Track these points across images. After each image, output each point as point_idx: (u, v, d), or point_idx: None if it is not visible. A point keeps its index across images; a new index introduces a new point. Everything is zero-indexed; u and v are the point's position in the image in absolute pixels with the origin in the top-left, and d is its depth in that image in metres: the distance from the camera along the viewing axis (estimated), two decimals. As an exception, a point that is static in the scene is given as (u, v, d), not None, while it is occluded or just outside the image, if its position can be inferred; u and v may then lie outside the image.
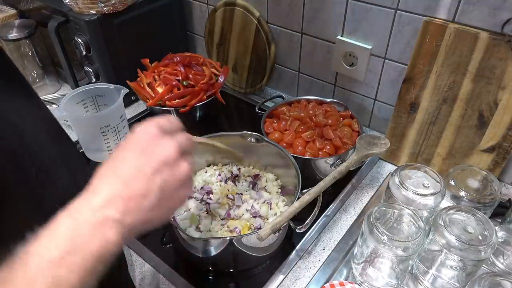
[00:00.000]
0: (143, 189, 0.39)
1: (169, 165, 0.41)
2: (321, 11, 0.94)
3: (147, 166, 0.40)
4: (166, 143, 0.42)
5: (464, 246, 0.58)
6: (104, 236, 0.36)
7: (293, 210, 0.67)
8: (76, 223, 0.36)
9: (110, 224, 0.36)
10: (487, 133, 0.79)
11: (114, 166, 0.41)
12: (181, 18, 1.22)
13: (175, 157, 0.42)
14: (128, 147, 0.42)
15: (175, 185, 0.41)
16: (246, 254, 0.69)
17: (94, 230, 0.36)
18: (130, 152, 0.41)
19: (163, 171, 0.40)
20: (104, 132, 0.90)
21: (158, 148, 0.41)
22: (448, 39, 0.77)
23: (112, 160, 0.41)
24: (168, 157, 0.41)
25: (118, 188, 0.38)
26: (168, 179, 0.40)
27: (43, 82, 1.22)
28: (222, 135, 0.84)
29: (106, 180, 0.39)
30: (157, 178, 0.40)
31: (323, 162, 0.84)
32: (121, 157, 0.41)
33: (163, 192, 0.40)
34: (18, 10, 1.17)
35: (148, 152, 0.41)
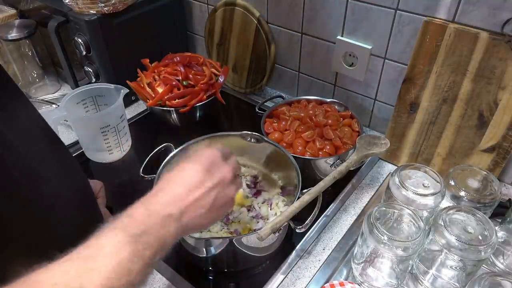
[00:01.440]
0: (201, 198, 0.48)
1: (224, 185, 0.51)
2: (321, 11, 0.94)
3: (209, 182, 0.49)
4: (225, 167, 0.52)
5: (464, 246, 0.58)
6: (168, 228, 0.43)
7: (293, 210, 0.67)
8: (148, 212, 0.43)
9: (172, 220, 0.44)
10: (487, 133, 0.79)
11: (183, 174, 0.50)
12: (181, 18, 1.22)
13: (230, 179, 0.52)
14: (197, 163, 0.51)
15: (224, 201, 0.51)
16: (246, 254, 0.69)
17: (162, 221, 0.43)
18: (198, 167, 0.50)
19: (218, 189, 0.50)
20: (104, 132, 0.90)
21: (219, 170, 0.51)
22: (448, 39, 0.77)
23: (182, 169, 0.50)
24: (225, 179, 0.51)
25: (183, 192, 0.47)
26: (220, 196, 0.50)
27: (43, 82, 1.22)
28: (222, 135, 0.84)
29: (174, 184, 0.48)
30: (213, 192, 0.49)
31: (323, 162, 0.84)
32: (190, 169, 0.50)
33: (214, 205, 0.49)
34: (18, 10, 1.17)
35: (211, 171, 0.51)
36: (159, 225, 0.43)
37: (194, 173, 0.49)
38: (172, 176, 0.50)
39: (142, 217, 0.43)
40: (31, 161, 0.43)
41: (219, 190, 0.50)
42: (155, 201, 0.46)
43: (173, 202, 0.46)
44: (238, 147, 0.85)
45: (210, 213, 0.49)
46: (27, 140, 0.45)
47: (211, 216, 0.50)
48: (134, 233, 0.40)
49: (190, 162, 0.51)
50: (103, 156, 0.95)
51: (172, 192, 0.47)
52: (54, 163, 0.49)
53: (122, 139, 0.95)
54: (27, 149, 0.44)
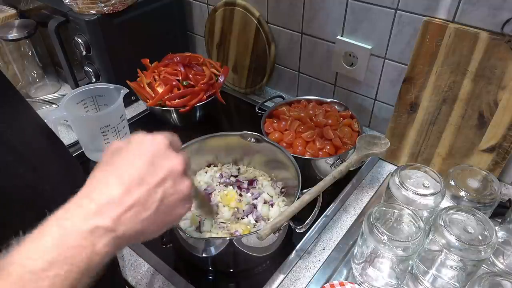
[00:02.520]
0: (143, 198, 0.38)
1: (173, 179, 0.40)
2: (321, 11, 0.94)
3: (152, 177, 0.39)
4: (174, 157, 0.41)
5: (464, 246, 0.58)
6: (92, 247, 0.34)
7: (293, 209, 0.67)
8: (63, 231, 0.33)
9: (100, 234, 0.34)
10: (487, 133, 0.79)
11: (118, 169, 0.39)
12: (181, 18, 1.22)
13: (181, 173, 0.41)
14: (136, 153, 0.40)
15: (175, 200, 0.41)
16: (246, 254, 0.69)
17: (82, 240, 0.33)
18: (137, 159, 0.40)
19: (166, 184, 0.39)
20: (104, 132, 0.90)
21: (166, 161, 0.40)
22: (448, 39, 0.77)
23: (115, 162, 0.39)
24: (174, 171, 0.40)
25: (118, 193, 0.37)
26: (170, 193, 0.40)
27: (43, 82, 1.22)
28: (222, 135, 0.84)
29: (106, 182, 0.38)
30: (159, 190, 0.39)
31: (323, 162, 0.84)
32: (127, 161, 0.39)
33: (163, 205, 0.39)
34: (18, 10, 1.16)
35: (156, 163, 0.40)
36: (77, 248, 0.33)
37: (132, 168, 0.38)
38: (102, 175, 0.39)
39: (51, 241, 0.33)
40: (32, 161, 0.43)
41: (167, 186, 0.39)
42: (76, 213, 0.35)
43: (102, 210, 0.35)
44: (238, 147, 0.85)
45: (158, 217, 0.39)
46: (26, 140, 0.45)
47: (161, 220, 0.40)
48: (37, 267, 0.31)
49: (126, 153, 0.40)
50: (103, 156, 0.95)
51: (102, 196, 0.36)
52: (54, 163, 0.48)
53: (122, 139, 0.94)
54: (27, 149, 0.43)
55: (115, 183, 0.37)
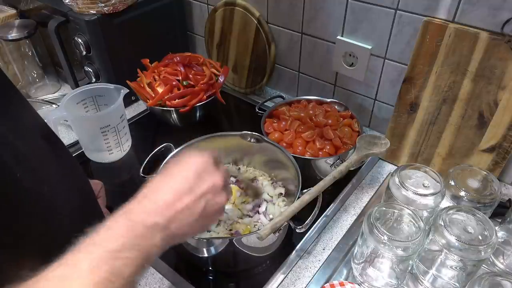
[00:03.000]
0: (190, 206, 0.45)
1: (214, 192, 0.49)
2: (321, 11, 0.94)
3: (199, 188, 0.47)
4: (216, 173, 0.50)
5: (464, 246, 0.58)
6: (153, 239, 0.41)
7: (293, 209, 0.67)
8: (131, 223, 0.40)
9: (158, 229, 0.42)
10: (487, 133, 0.79)
11: (172, 180, 0.47)
12: (181, 18, 1.22)
13: (221, 187, 0.50)
14: (187, 168, 0.48)
15: (214, 209, 0.49)
16: (246, 254, 0.69)
17: (146, 232, 0.40)
18: (187, 172, 0.48)
19: (208, 196, 0.48)
20: (104, 132, 0.90)
21: (210, 176, 0.49)
22: (448, 39, 0.77)
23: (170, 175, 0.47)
24: (216, 186, 0.49)
25: (171, 199, 0.44)
26: (210, 203, 0.48)
27: (43, 82, 1.22)
28: (222, 135, 0.84)
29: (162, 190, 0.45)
30: (203, 199, 0.47)
31: (323, 162, 0.84)
32: (179, 174, 0.48)
33: (204, 212, 0.47)
34: (18, 10, 1.16)
35: (202, 177, 0.48)
36: (142, 237, 0.40)
37: (184, 179, 0.47)
38: (159, 182, 0.47)
39: (122, 230, 0.39)
40: (32, 161, 0.43)
41: (209, 198, 0.48)
42: (140, 209, 0.43)
43: (160, 210, 0.43)
44: (238, 147, 0.85)
45: (199, 222, 0.47)
46: (27, 140, 0.45)
47: (200, 225, 0.48)
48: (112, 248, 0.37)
49: (180, 167, 0.49)
50: (103, 156, 0.95)
51: (159, 199, 0.44)
52: (54, 163, 0.48)
53: (122, 139, 0.95)
54: (27, 149, 0.43)
55: (169, 190, 0.45)
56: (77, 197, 0.52)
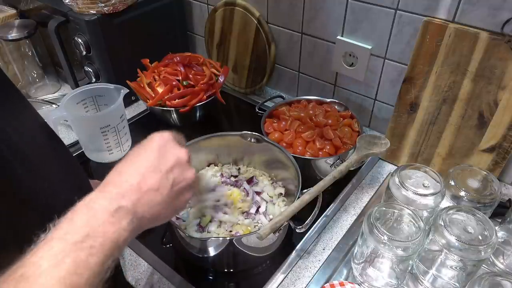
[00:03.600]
0: (157, 184, 0.44)
1: (181, 167, 0.47)
2: (321, 11, 0.94)
3: (163, 165, 0.45)
4: (179, 148, 0.48)
5: (464, 246, 0.58)
6: (119, 224, 0.39)
7: (293, 209, 0.67)
8: (93, 212, 0.38)
9: (124, 213, 0.40)
10: (487, 133, 0.79)
11: (133, 161, 0.45)
12: (181, 18, 1.22)
13: (186, 161, 0.48)
14: (148, 147, 0.47)
15: (183, 185, 0.47)
16: (246, 254, 0.69)
17: (110, 217, 0.38)
18: (149, 151, 0.46)
19: (175, 171, 0.46)
20: (104, 132, 0.90)
21: (173, 151, 0.47)
22: (448, 39, 0.77)
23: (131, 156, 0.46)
24: (181, 160, 0.47)
25: (136, 180, 0.43)
26: (178, 179, 0.46)
27: (43, 82, 1.22)
28: (222, 135, 0.84)
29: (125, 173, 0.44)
30: (170, 176, 0.45)
31: (323, 162, 0.84)
32: (141, 154, 0.46)
33: (173, 190, 0.45)
34: (18, 10, 1.16)
35: (165, 153, 0.47)
36: (106, 224, 0.38)
37: (146, 159, 0.45)
38: (122, 166, 0.45)
39: (84, 219, 0.37)
40: (33, 160, 0.43)
41: (176, 174, 0.46)
42: (102, 196, 0.40)
43: (124, 193, 0.41)
44: (238, 147, 0.85)
45: (168, 201, 0.45)
46: (27, 138, 0.45)
47: (171, 204, 0.46)
48: (75, 240, 0.35)
49: (141, 148, 0.47)
50: (103, 156, 0.95)
51: (123, 182, 0.42)
52: (55, 162, 0.48)
53: (122, 139, 0.95)
54: (28, 148, 0.43)
55: (133, 172, 0.44)
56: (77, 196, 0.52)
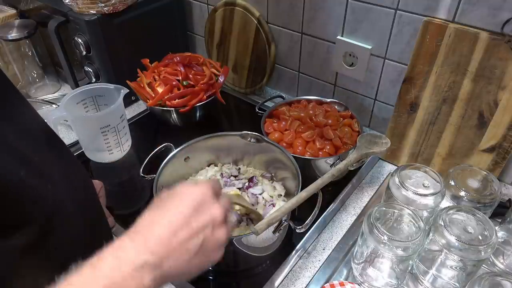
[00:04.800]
0: (186, 242, 0.42)
1: (213, 227, 0.45)
2: (321, 11, 0.94)
3: (196, 223, 0.43)
4: (216, 206, 0.46)
5: (464, 246, 0.58)
6: (141, 279, 0.38)
7: (290, 206, 0.66)
8: (118, 262, 0.38)
9: (148, 269, 0.38)
10: (487, 133, 0.79)
11: (167, 213, 0.43)
12: (181, 18, 1.22)
13: (220, 221, 0.46)
14: (183, 201, 0.45)
15: (213, 245, 0.45)
16: (246, 254, 0.69)
17: (134, 272, 0.38)
18: (184, 206, 0.44)
19: (206, 231, 0.44)
20: (104, 132, 0.90)
21: (209, 210, 0.45)
22: (448, 39, 0.77)
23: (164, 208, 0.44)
24: (215, 220, 0.45)
25: (165, 234, 0.41)
26: (209, 239, 0.44)
27: (43, 82, 1.22)
28: (222, 135, 0.84)
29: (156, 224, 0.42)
30: (201, 235, 0.43)
31: (323, 162, 0.84)
32: (174, 207, 0.44)
33: (202, 249, 0.43)
34: (18, 10, 1.16)
35: (200, 210, 0.44)
36: (129, 278, 0.37)
37: (179, 213, 0.43)
38: (153, 216, 0.44)
39: (107, 269, 0.37)
40: (35, 160, 0.43)
41: (207, 233, 0.44)
42: (130, 246, 0.40)
43: (152, 247, 0.40)
44: (238, 147, 0.85)
45: (196, 259, 0.43)
46: (28, 140, 0.45)
47: (198, 262, 0.44)
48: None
49: (175, 199, 0.45)
50: (103, 156, 0.95)
51: (153, 235, 0.41)
52: (56, 162, 0.48)
53: (122, 139, 0.95)
54: (29, 149, 0.43)
55: (164, 224, 0.42)
56: (80, 196, 0.52)
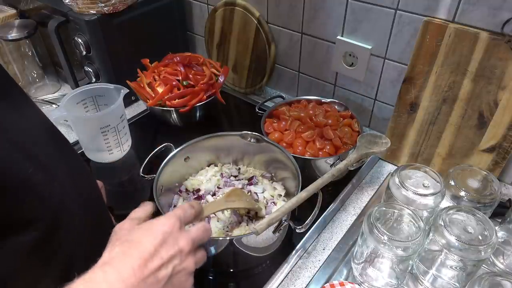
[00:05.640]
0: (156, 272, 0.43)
1: (181, 257, 0.47)
2: (321, 11, 0.94)
3: (165, 253, 0.45)
4: (183, 237, 0.48)
5: (464, 246, 0.58)
6: None
7: (290, 205, 0.67)
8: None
9: None
10: (487, 133, 0.79)
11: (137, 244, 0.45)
12: (181, 18, 1.22)
13: (187, 252, 0.47)
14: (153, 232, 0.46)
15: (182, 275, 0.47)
16: (246, 254, 0.69)
17: None
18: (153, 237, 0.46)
19: (175, 261, 0.46)
20: (104, 132, 0.90)
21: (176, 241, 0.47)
22: (448, 39, 0.77)
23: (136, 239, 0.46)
24: (182, 250, 0.47)
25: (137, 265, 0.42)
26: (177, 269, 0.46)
27: (43, 82, 1.22)
28: (222, 135, 0.84)
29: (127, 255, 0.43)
30: (170, 265, 0.45)
31: (323, 162, 0.84)
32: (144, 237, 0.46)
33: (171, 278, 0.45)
34: (18, 10, 1.16)
35: (168, 242, 0.46)
36: None
37: (149, 243, 0.44)
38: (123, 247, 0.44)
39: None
40: (41, 158, 0.43)
41: (176, 263, 0.45)
42: (102, 278, 0.40)
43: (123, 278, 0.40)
44: (238, 147, 0.85)
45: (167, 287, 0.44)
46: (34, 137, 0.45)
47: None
48: None
49: (145, 231, 0.47)
50: (103, 156, 0.95)
51: (124, 265, 0.41)
52: (61, 159, 0.48)
53: (122, 139, 0.95)
54: (36, 146, 0.43)
55: (135, 256, 0.43)
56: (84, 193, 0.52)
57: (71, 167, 0.50)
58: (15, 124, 0.42)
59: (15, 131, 0.41)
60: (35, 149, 0.43)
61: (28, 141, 0.42)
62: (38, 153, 0.43)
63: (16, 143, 0.40)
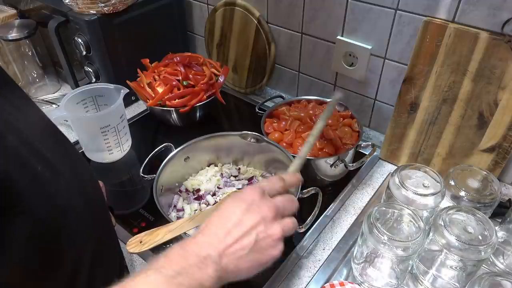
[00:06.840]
0: (240, 239, 0.46)
1: (265, 224, 0.48)
2: (321, 11, 0.94)
3: (248, 221, 0.48)
4: (266, 205, 0.50)
5: (464, 246, 0.58)
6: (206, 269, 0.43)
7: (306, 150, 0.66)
8: (185, 253, 0.44)
9: (211, 261, 0.44)
10: (487, 133, 0.79)
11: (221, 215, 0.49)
12: (181, 18, 1.23)
13: (271, 218, 0.49)
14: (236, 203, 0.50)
15: (267, 242, 0.48)
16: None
17: (199, 262, 0.43)
18: (236, 207, 0.49)
19: (259, 228, 0.48)
20: (104, 132, 0.90)
21: (258, 209, 0.49)
22: (448, 39, 0.77)
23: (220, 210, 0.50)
24: (265, 217, 0.49)
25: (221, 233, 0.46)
26: (262, 236, 0.48)
27: (43, 82, 1.22)
28: (222, 135, 0.84)
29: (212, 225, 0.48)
30: (253, 232, 0.47)
31: (323, 162, 0.84)
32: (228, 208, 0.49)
33: (256, 246, 0.47)
34: (18, 10, 1.16)
35: (251, 210, 0.48)
36: (195, 267, 0.43)
37: (232, 213, 0.48)
38: (211, 218, 0.49)
39: (177, 258, 0.43)
40: (47, 156, 0.43)
41: (260, 230, 0.48)
42: (193, 242, 0.46)
43: (211, 243, 0.45)
44: (238, 147, 0.85)
45: (252, 256, 0.47)
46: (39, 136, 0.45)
47: (255, 259, 0.48)
48: (168, 274, 0.41)
49: (230, 202, 0.50)
50: (103, 156, 0.95)
51: (210, 234, 0.47)
52: (64, 157, 0.48)
53: (122, 139, 0.95)
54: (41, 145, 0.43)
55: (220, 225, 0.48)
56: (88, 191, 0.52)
57: (75, 166, 0.50)
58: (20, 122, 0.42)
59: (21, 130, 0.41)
60: (41, 147, 0.43)
61: (35, 140, 0.42)
62: (44, 152, 0.43)
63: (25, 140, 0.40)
